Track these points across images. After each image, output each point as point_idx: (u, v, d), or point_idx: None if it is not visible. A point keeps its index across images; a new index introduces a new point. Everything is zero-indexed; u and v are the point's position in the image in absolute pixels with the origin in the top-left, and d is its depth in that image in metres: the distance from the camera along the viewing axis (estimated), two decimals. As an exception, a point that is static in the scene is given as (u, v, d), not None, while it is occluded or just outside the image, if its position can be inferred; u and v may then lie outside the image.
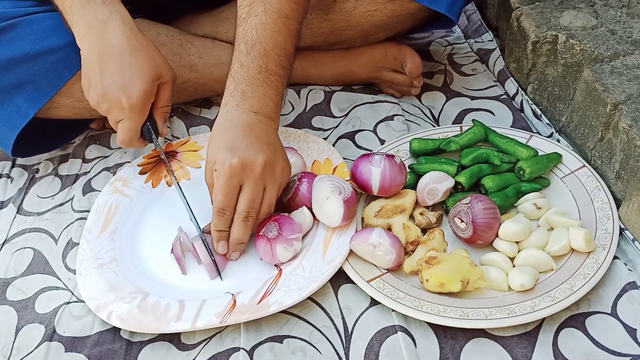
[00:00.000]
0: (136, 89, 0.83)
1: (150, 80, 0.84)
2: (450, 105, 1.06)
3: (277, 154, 0.79)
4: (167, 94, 0.88)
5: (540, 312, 0.68)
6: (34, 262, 0.86)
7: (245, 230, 0.78)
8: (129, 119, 0.85)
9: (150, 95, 0.85)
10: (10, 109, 0.92)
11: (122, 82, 0.83)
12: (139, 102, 0.84)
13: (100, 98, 0.84)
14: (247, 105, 0.80)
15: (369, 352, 0.69)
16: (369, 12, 0.99)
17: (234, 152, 0.76)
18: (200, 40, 1.06)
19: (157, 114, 0.89)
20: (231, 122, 0.80)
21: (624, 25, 0.96)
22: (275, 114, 0.83)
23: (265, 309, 0.72)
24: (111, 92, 0.83)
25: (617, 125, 0.81)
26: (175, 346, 0.73)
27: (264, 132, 0.80)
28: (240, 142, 0.77)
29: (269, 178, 0.78)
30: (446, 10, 0.95)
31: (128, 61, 0.84)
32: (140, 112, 0.85)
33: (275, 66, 0.82)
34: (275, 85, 0.82)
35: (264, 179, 0.77)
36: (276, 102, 0.83)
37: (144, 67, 0.84)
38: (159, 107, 0.88)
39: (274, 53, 0.82)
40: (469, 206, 0.76)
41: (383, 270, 0.77)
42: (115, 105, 0.84)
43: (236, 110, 0.80)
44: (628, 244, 0.77)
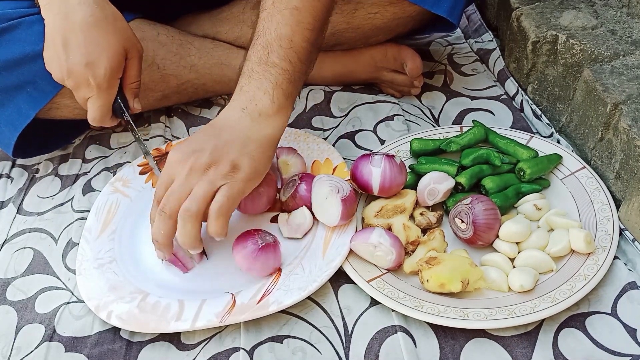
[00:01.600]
0: (103, 65, 0.80)
1: (117, 55, 0.81)
2: (450, 105, 1.06)
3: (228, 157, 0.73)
4: (135, 69, 0.86)
5: (540, 313, 0.68)
6: (34, 262, 0.86)
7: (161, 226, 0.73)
8: (97, 97, 0.82)
9: (117, 71, 0.82)
10: (11, 110, 0.92)
11: (88, 58, 0.80)
12: (106, 79, 0.81)
13: (66, 74, 0.81)
14: (236, 102, 0.77)
15: (369, 352, 0.69)
16: (369, 14, 0.99)
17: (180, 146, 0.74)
18: (200, 41, 1.06)
19: (127, 90, 0.86)
20: (213, 120, 0.78)
21: (624, 25, 0.96)
22: (272, 108, 0.77)
23: (264, 309, 0.72)
24: (77, 68, 0.80)
25: (617, 125, 0.81)
26: (175, 346, 0.73)
27: (233, 129, 0.75)
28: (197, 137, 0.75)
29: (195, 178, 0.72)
30: (447, 14, 0.95)
31: (93, 35, 0.80)
32: (108, 89, 0.82)
33: (277, 58, 0.77)
34: (274, 78, 0.77)
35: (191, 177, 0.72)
36: (273, 96, 0.76)
37: (110, 41, 0.81)
38: (128, 82, 0.86)
39: (277, 45, 0.77)
40: (469, 207, 0.76)
41: (383, 270, 0.77)
42: (82, 82, 0.81)
43: (227, 109, 0.78)
44: (628, 244, 0.77)
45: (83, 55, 0.80)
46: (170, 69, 1.02)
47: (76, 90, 0.83)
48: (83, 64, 0.80)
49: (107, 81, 0.82)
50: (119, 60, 0.82)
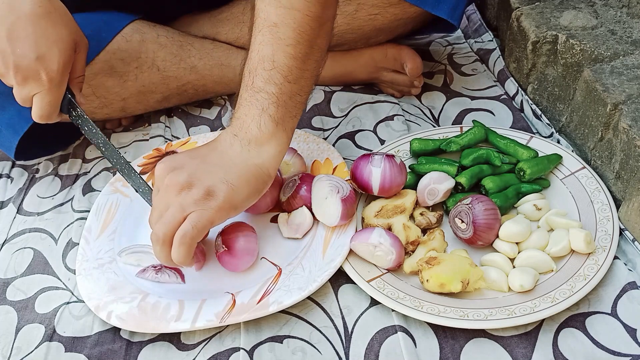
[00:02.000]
0: (55, 59, 0.76)
1: (69, 48, 0.78)
2: (450, 105, 1.06)
3: (202, 183, 0.69)
4: (81, 62, 0.82)
5: (540, 313, 0.68)
6: (34, 262, 0.86)
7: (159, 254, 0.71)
8: (48, 92, 0.77)
9: (69, 65, 0.78)
10: (12, 113, 0.92)
11: (38, 51, 0.75)
12: (59, 74, 0.77)
13: (14, 69, 0.75)
14: (231, 128, 0.74)
15: (369, 352, 0.69)
16: (370, 15, 0.99)
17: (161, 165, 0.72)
18: (200, 42, 1.06)
19: (73, 85, 0.82)
20: (208, 144, 0.75)
21: (624, 25, 0.96)
22: (259, 136, 0.72)
23: (264, 309, 0.72)
24: (26, 62, 0.75)
25: (617, 125, 0.81)
26: (175, 346, 0.73)
27: (222, 155, 0.72)
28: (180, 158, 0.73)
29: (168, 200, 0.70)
30: (447, 15, 0.95)
31: (43, 26, 0.75)
32: (59, 83, 0.78)
33: (261, 82, 0.72)
34: (260, 104, 0.72)
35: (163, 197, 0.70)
36: (259, 123, 0.72)
37: (62, 33, 0.77)
38: (74, 77, 0.82)
39: (260, 68, 0.72)
40: (469, 207, 0.76)
41: (383, 270, 0.77)
42: (33, 76, 0.76)
43: (223, 133, 0.75)
44: (628, 244, 0.77)
45: (33, 48, 0.75)
46: (171, 70, 1.02)
47: (22, 86, 0.77)
48: (33, 57, 0.75)
49: (60, 75, 0.77)
50: (70, 53, 0.78)
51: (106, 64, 0.97)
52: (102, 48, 0.96)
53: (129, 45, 0.99)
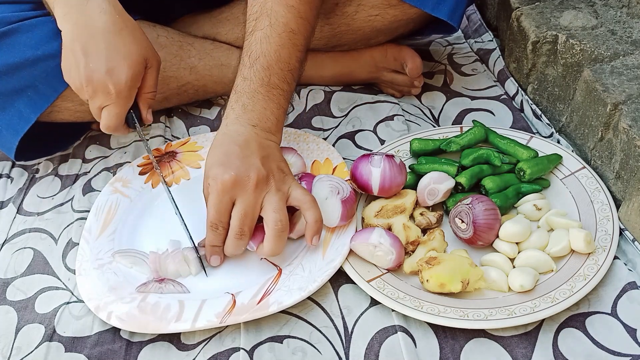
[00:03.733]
0: (124, 72, 0.80)
1: (138, 63, 0.82)
2: (450, 105, 1.06)
3: (272, 167, 0.77)
4: (152, 79, 0.86)
5: (540, 313, 0.68)
6: (34, 262, 0.86)
7: (238, 247, 0.77)
8: (115, 105, 0.82)
9: (137, 80, 0.83)
10: (12, 114, 0.92)
11: (108, 65, 0.80)
12: (127, 87, 0.81)
13: (85, 81, 0.80)
14: (246, 119, 0.79)
15: (369, 352, 0.69)
16: (370, 16, 0.99)
17: (227, 168, 0.75)
18: (200, 42, 1.06)
19: (142, 100, 0.86)
20: (229, 135, 0.78)
21: (624, 25, 0.96)
22: (276, 127, 0.81)
23: (265, 309, 0.72)
24: (97, 76, 0.80)
25: (617, 125, 0.81)
26: (175, 346, 0.73)
27: (261, 145, 0.78)
28: (234, 156, 0.76)
29: (263, 192, 0.75)
30: (447, 17, 0.95)
31: (114, 42, 0.80)
32: (127, 97, 0.82)
33: (278, 80, 0.80)
34: (277, 99, 0.80)
35: (258, 193, 0.75)
36: (277, 116, 0.81)
37: (131, 49, 0.81)
38: (143, 92, 0.86)
39: (277, 67, 0.80)
40: (469, 207, 0.76)
41: (383, 270, 0.77)
42: (102, 89, 0.80)
43: (235, 124, 0.79)
44: (628, 244, 0.77)
45: (104, 61, 0.80)
46: (171, 70, 1.02)
47: (93, 98, 0.82)
48: (104, 70, 0.80)
49: (128, 89, 0.82)
50: (139, 68, 0.82)
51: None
52: (102, 48, 0.96)
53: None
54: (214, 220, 0.75)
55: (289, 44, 0.81)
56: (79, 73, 0.81)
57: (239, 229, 0.75)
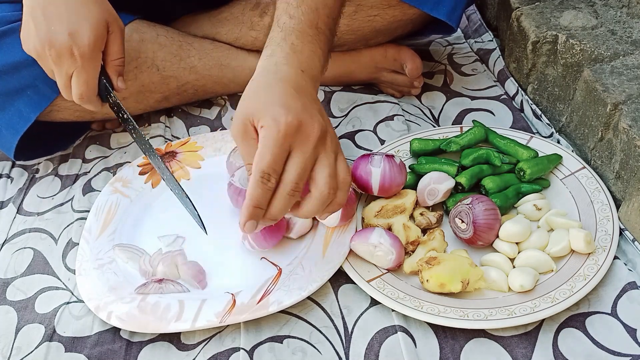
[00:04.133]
0: (87, 34, 0.79)
1: (100, 25, 0.81)
2: (450, 105, 1.06)
3: (328, 123, 0.70)
4: (117, 45, 0.84)
5: (540, 313, 0.68)
6: (34, 262, 0.86)
7: (286, 206, 0.66)
8: (82, 69, 0.81)
9: (101, 42, 0.81)
10: (12, 113, 0.92)
11: (70, 28, 0.79)
12: (90, 49, 0.80)
13: (48, 45, 0.79)
14: (296, 61, 0.71)
15: (369, 352, 0.69)
16: (370, 17, 0.99)
17: (290, 110, 0.65)
18: (199, 42, 1.06)
19: (110, 68, 0.85)
20: (280, 76, 0.70)
21: (624, 25, 0.96)
22: (319, 77, 0.74)
23: (264, 309, 0.72)
24: (60, 38, 0.79)
25: (617, 125, 0.81)
26: (175, 346, 0.73)
27: (312, 97, 0.71)
28: (295, 101, 0.67)
29: (321, 150, 0.67)
30: (446, 17, 0.95)
31: (74, 5, 0.80)
32: (92, 60, 0.81)
33: (324, 26, 0.75)
34: (323, 46, 0.75)
35: (317, 149, 0.67)
36: (322, 64, 0.75)
37: (92, 11, 0.81)
38: (110, 60, 0.85)
39: (323, 12, 0.75)
40: (470, 207, 0.76)
41: (383, 270, 0.77)
42: (66, 52, 0.80)
43: (285, 65, 0.71)
44: (628, 244, 0.77)
45: (65, 24, 0.79)
46: (170, 70, 1.02)
47: (58, 64, 0.81)
48: (66, 33, 0.79)
49: (91, 51, 0.80)
50: (101, 30, 0.81)
51: (106, 63, 0.97)
52: (101, 47, 0.96)
53: (129, 45, 0.98)
54: (268, 168, 0.64)
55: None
56: (39, 38, 0.80)
57: (295, 184, 0.65)
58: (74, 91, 0.83)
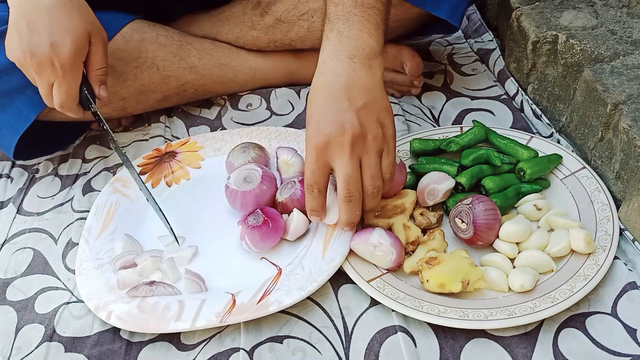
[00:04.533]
0: (67, 46, 0.81)
1: (81, 37, 0.82)
2: (451, 105, 1.06)
3: (371, 119, 0.72)
4: (99, 55, 0.86)
5: (540, 313, 0.68)
6: (34, 262, 0.86)
7: (351, 211, 0.74)
8: (63, 79, 0.83)
9: (81, 53, 0.83)
10: (12, 113, 0.92)
11: (52, 39, 0.81)
12: (70, 61, 0.82)
13: (29, 55, 0.81)
14: (343, 50, 0.73)
15: (369, 352, 0.69)
16: None
17: (319, 128, 0.71)
18: (200, 42, 1.06)
19: (92, 78, 0.87)
20: (326, 79, 0.73)
21: (624, 25, 0.96)
22: (376, 50, 0.75)
23: (264, 309, 0.72)
24: (41, 49, 0.81)
25: (617, 125, 0.81)
26: (175, 346, 0.73)
27: (362, 89, 0.72)
28: (329, 112, 0.71)
29: (359, 152, 0.71)
30: (448, 16, 0.95)
31: (58, 17, 0.82)
32: (72, 71, 0.83)
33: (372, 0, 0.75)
34: (374, 20, 0.75)
35: (356, 153, 0.71)
36: (377, 37, 0.75)
37: (75, 24, 0.82)
38: (93, 69, 0.86)
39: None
40: (470, 207, 0.76)
41: (383, 270, 0.77)
42: (46, 63, 0.81)
43: (332, 60, 0.73)
44: (628, 244, 0.77)
45: (47, 36, 0.81)
46: (170, 70, 1.02)
47: (40, 73, 0.83)
48: (47, 44, 0.81)
49: (71, 62, 0.82)
50: (82, 41, 0.83)
51: (106, 63, 0.97)
52: (101, 47, 0.96)
53: (129, 45, 0.99)
54: (309, 182, 0.74)
55: None
56: (22, 47, 0.82)
57: (345, 192, 0.72)
58: (55, 100, 0.85)
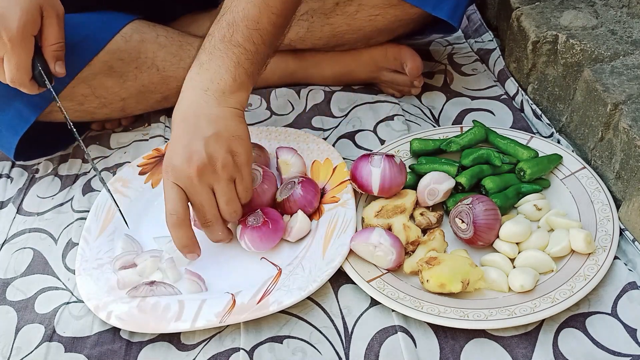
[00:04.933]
0: (15, 17, 0.78)
1: (31, 10, 0.80)
2: (451, 105, 1.06)
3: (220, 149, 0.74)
4: (54, 29, 0.83)
5: (540, 314, 0.68)
6: (34, 262, 0.86)
7: (213, 232, 0.77)
8: (12, 53, 0.80)
9: (31, 27, 0.80)
10: (12, 114, 0.92)
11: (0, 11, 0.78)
12: (19, 34, 0.79)
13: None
14: (198, 81, 0.76)
15: (369, 352, 0.69)
16: (371, 16, 0.99)
17: (169, 159, 0.74)
18: (200, 42, 1.05)
19: (47, 53, 0.84)
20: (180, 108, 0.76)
21: (624, 25, 0.96)
22: (232, 87, 0.76)
23: (264, 309, 0.72)
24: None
25: (617, 125, 0.81)
26: (175, 346, 0.73)
27: (211, 120, 0.74)
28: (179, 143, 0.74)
29: (210, 180, 0.74)
30: (448, 17, 0.95)
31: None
32: (21, 44, 0.80)
33: (241, 38, 0.76)
34: (237, 58, 0.76)
35: (203, 184, 0.74)
36: (234, 75, 0.76)
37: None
38: (47, 45, 0.83)
39: (242, 24, 0.77)
40: (470, 207, 0.76)
41: (383, 270, 0.77)
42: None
43: (188, 90, 0.77)
44: (628, 244, 0.77)
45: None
46: (170, 70, 1.02)
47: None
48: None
49: (20, 35, 0.79)
50: (32, 14, 0.80)
51: (105, 64, 0.97)
52: (101, 48, 0.96)
53: (129, 45, 0.99)
54: (167, 209, 0.75)
55: (260, 4, 0.77)
56: None
57: (201, 220, 0.76)
58: (7, 75, 0.82)
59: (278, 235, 0.80)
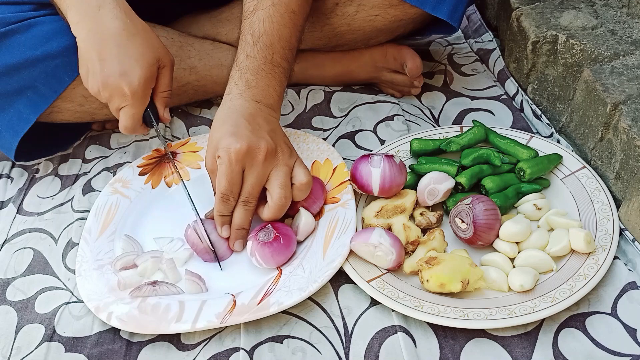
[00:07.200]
0: (136, 74, 0.83)
1: (150, 64, 0.84)
2: (450, 105, 1.06)
3: (279, 141, 0.80)
4: (166, 78, 0.88)
5: (540, 313, 0.68)
6: (34, 262, 0.86)
7: (245, 215, 0.79)
8: (131, 106, 0.84)
9: (150, 80, 0.85)
10: (12, 114, 0.92)
11: (121, 69, 0.82)
12: (140, 88, 0.83)
13: (101, 86, 0.83)
14: (250, 95, 0.82)
15: (369, 352, 0.69)
16: (370, 16, 0.99)
17: (238, 138, 0.77)
18: (200, 42, 1.06)
19: (158, 99, 0.88)
20: (234, 109, 0.81)
21: (624, 25, 0.96)
22: (278, 104, 0.85)
23: (265, 310, 0.72)
24: (112, 80, 0.82)
25: (617, 125, 0.81)
26: (175, 346, 0.73)
27: (266, 120, 0.81)
28: (244, 128, 0.78)
29: (271, 164, 0.78)
30: (447, 17, 0.95)
31: (126, 46, 0.83)
32: (141, 97, 0.85)
33: (280, 58, 0.84)
34: (279, 77, 0.84)
35: (267, 165, 0.78)
36: (279, 93, 0.84)
37: (143, 51, 0.84)
38: (159, 92, 0.88)
39: (279, 46, 0.84)
40: (470, 207, 0.76)
41: (383, 270, 0.77)
42: (117, 92, 0.83)
43: (239, 99, 0.82)
44: (628, 244, 0.77)
45: (117, 66, 0.82)
46: (171, 71, 1.03)
47: (110, 101, 0.85)
48: (117, 74, 0.82)
49: (142, 90, 0.84)
50: (152, 69, 0.84)
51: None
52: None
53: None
54: (226, 191, 0.78)
55: (290, 24, 0.85)
56: (95, 79, 0.83)
57: (247, 196, 0.78)
58: (121, 123, 0.86)
59: (290, 250, 0.79)
